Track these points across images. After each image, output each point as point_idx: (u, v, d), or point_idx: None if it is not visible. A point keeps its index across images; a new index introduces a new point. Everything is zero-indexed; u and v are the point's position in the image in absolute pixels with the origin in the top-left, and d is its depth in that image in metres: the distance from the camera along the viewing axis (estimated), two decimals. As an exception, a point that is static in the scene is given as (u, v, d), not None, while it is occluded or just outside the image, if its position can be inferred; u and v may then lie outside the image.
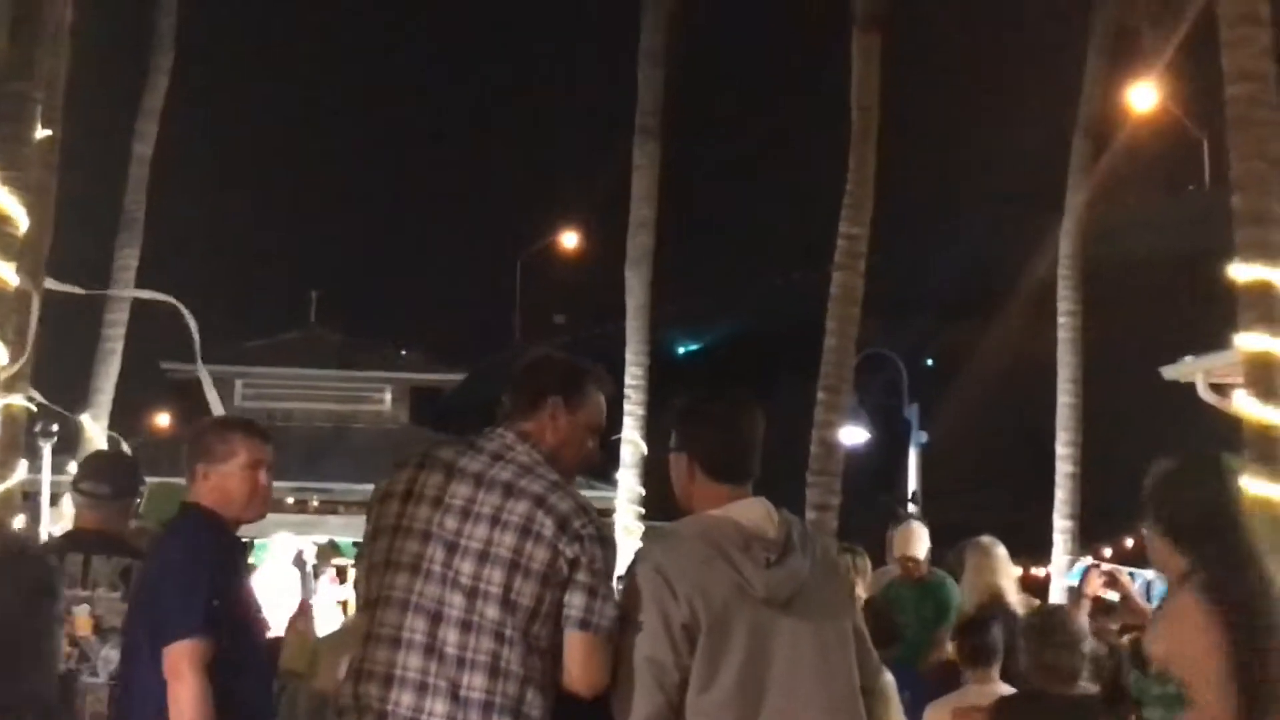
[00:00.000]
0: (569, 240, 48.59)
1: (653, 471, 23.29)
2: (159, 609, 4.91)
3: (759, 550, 4.29)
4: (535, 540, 4.19)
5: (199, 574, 4.92)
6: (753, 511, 4.37)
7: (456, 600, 4.20)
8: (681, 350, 51.45)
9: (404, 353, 36.97)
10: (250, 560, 7.35)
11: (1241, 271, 12.03)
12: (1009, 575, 8.96)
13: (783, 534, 4.35)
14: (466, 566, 4.21)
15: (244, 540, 5.36)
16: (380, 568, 4.33)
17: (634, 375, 23.18)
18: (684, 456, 4.47)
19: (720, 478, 4.42)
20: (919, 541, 10.12)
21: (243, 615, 5.07)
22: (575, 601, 4.20)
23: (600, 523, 4.32)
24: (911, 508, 23.01)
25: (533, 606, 4.18)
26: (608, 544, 4.29)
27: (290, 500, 27.58)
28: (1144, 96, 26.57)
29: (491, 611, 4.17)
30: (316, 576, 17.87)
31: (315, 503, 29.45)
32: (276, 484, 5.44)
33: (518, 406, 4.48)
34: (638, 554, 4.37)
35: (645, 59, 23.74)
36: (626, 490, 22.84)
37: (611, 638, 4.21)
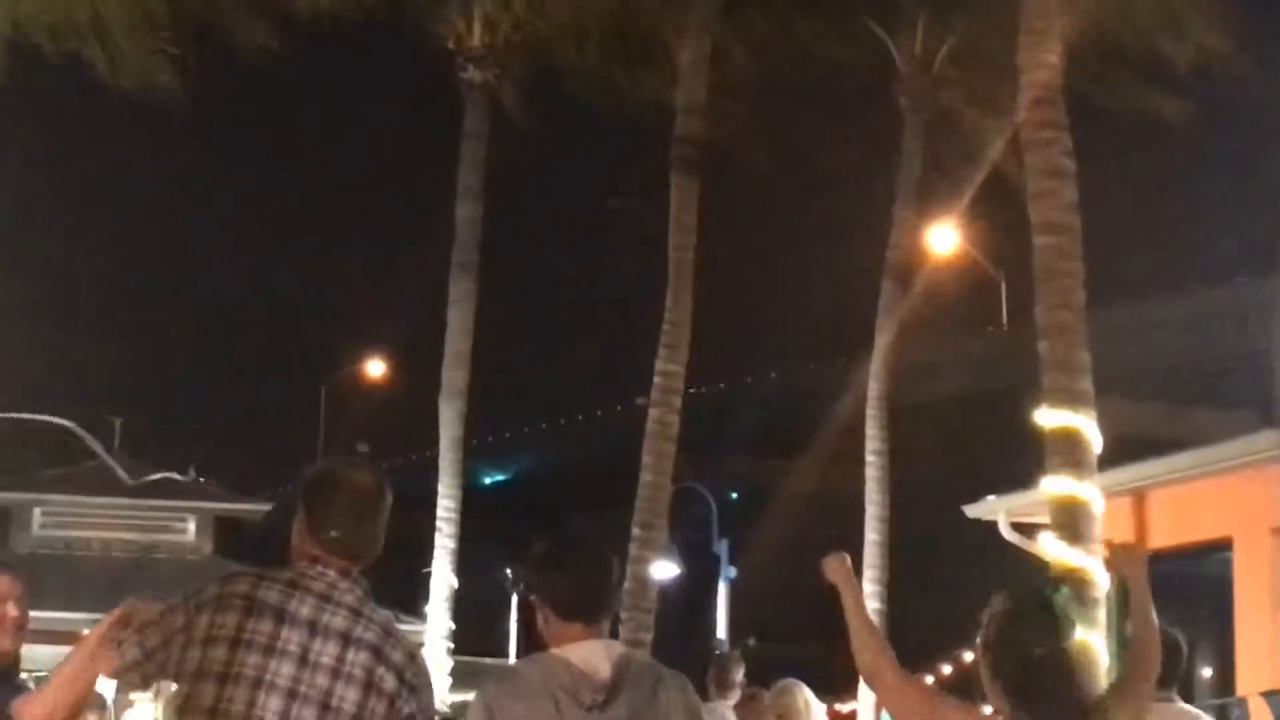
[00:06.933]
0: (375, 369, 48.37)
1: (463, 606, 23.04)
2: None
3: (586, 693, 4.43)
4: (377, 695, 4.11)
5: None
6: (592, 654, 4.51)
7: None
8: (489, 480, 51.26)
9: (200, 480, 36.25)
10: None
11: (1048, 417, 12.38)
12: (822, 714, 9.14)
13: (614, 677, 4.48)
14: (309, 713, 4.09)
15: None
16: (204, 714, 4.14)
17: (446, 509, 22.73)
18: (537, 601, 4.66)
19: (571, 619, 4.59)
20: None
21: None
22: None
23: (423, 665, 4.28)
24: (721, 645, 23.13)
25: None
26: (430, 686, 4.28)
27: (86, 633, 26.77)
28: (945, 240, 27.36)
29: None
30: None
31: (113, 635, 28.63)
32: (72, 615, 5.39)
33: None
34: (478, 688, 4.56)
35: (464, 195, 23.83)
36: (437, 625, 22.53)
37: None
